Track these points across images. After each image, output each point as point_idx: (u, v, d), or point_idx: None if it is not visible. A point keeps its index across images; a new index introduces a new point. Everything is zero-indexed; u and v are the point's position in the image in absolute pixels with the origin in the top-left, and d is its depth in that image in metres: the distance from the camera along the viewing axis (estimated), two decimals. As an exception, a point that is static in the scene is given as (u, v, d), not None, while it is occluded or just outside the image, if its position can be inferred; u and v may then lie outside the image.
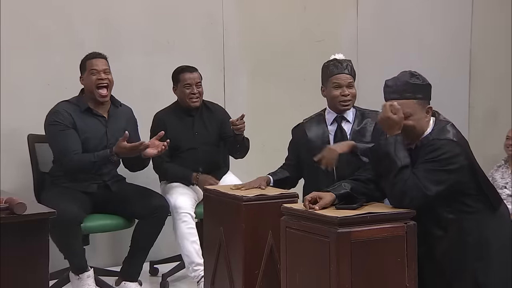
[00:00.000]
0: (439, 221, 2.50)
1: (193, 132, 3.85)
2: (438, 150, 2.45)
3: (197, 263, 3.54)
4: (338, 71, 3.18)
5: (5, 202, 2.35)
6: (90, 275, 3.34)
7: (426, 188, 2.40)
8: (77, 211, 3.24)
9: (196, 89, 3.81)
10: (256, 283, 2.89)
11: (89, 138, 3.44)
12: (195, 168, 3.80)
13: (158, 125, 3.81)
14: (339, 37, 5.00)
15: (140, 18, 4.33)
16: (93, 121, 3.49)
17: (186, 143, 3.82)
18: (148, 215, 3.43)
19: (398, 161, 2.45)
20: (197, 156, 3.83)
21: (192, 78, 3.81)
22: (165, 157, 3.75)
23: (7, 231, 2.30)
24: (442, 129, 2.53)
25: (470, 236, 2.49)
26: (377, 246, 2.34)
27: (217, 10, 4.58)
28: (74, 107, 3.47)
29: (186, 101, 3.82)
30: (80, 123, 3.44)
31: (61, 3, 4.08)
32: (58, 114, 3.42)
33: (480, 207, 2.52)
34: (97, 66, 3.46)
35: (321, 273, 2.33)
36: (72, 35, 4.08)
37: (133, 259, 3.51)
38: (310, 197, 2.47)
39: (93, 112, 3.50)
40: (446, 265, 2.51)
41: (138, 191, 3.56)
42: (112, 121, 3.55)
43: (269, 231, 2.88)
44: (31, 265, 2.35)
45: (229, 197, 3.00)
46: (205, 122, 3.89)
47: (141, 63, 4.32)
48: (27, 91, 3.93)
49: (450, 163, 2.44)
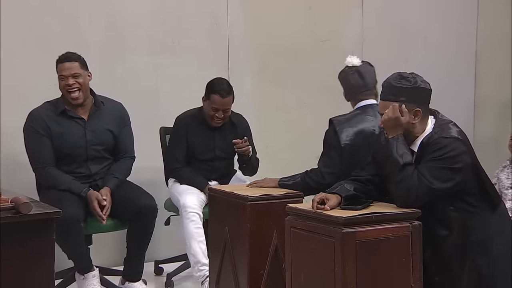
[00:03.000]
0: (443, 220, 2.50)
1: (213, 145, 3.82)
2: (443, 148, 2.45)
3: (202, 263, 3.54)
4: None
5: (10, 202, 2.35)
6: (96, 274, 3.33)
7: (431, 183, 2.40)
8: (77, 211, 3.23)
9: (223, 114, 3.72)
10: (261, 282, 2.90)
11: (65, 141, 3.42)
12: (209, 177, 3.82)
13: (181, 131, 3.79)
14: (344, 37, 5.00)
15: (145, 19, 4.34)
16: (70, 124, 3.45)
17: (204, 154, 3.82)
18: (136, 216, 3.39)
19: (400, 159, 2.45)
20: (212, 167, 3.85)
21: (221, 104, 3.69)
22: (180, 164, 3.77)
23: (13, 230, 2.31)
24: (446, 127, 2.53)
25: (473, 234, 2.50)
26: (382, 246, 2.33)
27: (222, 10, 4.58)
28: (52, 110, 3.46)
29: (209, 120, 3.76)
30: (55, 127, 3.42)
31: (66, 4, 4.09)
32: (33, 120, 3.43)
33: (482, 205, 2.53)
34: (65, 71, 3.40)
35: (326, 273, 2.33)
36: (76, 36, 4.09)
37: (131, 260, 3.50)
38: (318, 198, 2.47)
39: (70, 115, 3.46)
40: (451, 264, 2.51)
41: (128, 191, 3.49)
42: (93, 122, 3.49)
43: (274, 231, 2.88)
44: (36, 265, 2.36)
45: (234, 197, 3.00)
46: (226, 137, 3.82)
47: (146, 64, 4.33)
48: (31, 92, 3.93)
49: (456, 161, 2.44)
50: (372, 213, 2.37)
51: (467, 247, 2.50)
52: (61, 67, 3.41)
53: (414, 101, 2.53)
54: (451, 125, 2.55)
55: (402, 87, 2.54)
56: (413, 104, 2.53)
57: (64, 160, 3.45)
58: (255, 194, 2.94)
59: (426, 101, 2.58)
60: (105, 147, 3.53)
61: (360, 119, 3.00)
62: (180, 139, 3.79)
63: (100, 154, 3.52)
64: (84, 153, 3.46)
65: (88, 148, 3.45)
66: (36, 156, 3.43)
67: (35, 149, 3.43)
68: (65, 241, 3.18)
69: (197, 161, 3.82)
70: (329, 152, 2.99)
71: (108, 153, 3.57)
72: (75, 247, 3.25)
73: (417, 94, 2.54)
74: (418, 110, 2.54)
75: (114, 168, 3.56)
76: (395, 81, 2.56)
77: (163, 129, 4.03)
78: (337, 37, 4.96)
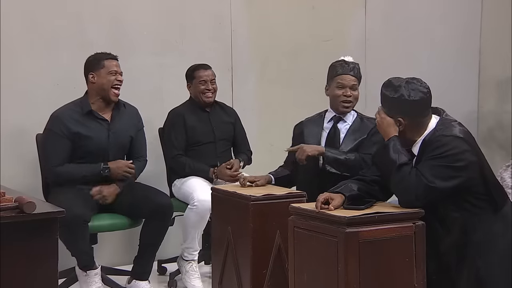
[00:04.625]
0: (444, 220, 2.49)
1: (212, 127, 3.92)
2: (443, 146, 2.43)
3: (195, 249, 3.67)
4: (344, 71, 3.22)
5: (14, 201, 2.36)
6: (98, 272, 3.36)
7: (430, 181, 2.39)
8: (84, 210, 3.26)
9: (211, 86, 3.90)
10: (264, 282, 2.90)
11: (90, 142, 3.47)
12: (213, 161, 3.84)
13: (177, 119, 3.87)
14: (347, 36, 5.00)
15: (148, 18, 4.34)
16: (95, 125, 3.50)
17: (205, 137, 3.89)
18: (153, 214, 3.44)
19: (396, 159, 2.46)
20: (215, 150, 3.90)
21: (206, 75, 3.89)
22: (181, 151, 3.82)
23: (17, 230, 2.31)
24: (448, 126, 2.51)
25: (473, 235, 2.49)
26: (385, 246, 2.33)
27: (225, 10, 4.59)
28: (77, 110, 3.50)
29: (201, 97, 3.89)
30: (80, 128, 3.46)
31: (70, 3, 4.09)
32: (55, 121, 3.47)
33: (484, 206, 2.50)
34: (116, 68, 3.54)
35: (329, 273, 2.33)
36: (81, 35, 4.09)
37: (142, 259, 3.53)
38: (322, 198, 2.47)
39: (95, 115, 3.51)
40: (449, 263, 2.51)
41: (143, 190, 3.57)
42: (115, 124, 3.56)
43: (277, 230, 2.88)
44: (40, 264, 2.36)
45: (237, 196, 3.01)
46: (221, 117, 3.98)
47: (150, 63, 4.33)
48: (36, 91, 3.94)
49: (457, 159, 2.42)
50: (375, 213, 2.37)
51: (466, 247, 2.49)
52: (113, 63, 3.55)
53: (395, 111, 2.54)
54: (455, 123, 2.53)
55: (385, 94, 2.56)
56: (394, 113, 2.54)
57: (83, 159, 3.48)
58: (258, 194, 2.94)
59: (413, 112, 2.53)
60: (123, 149, 3.61)
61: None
62: (177, 128, 3.85)
63: (119, 156, 3.57)
64: (105, 154, 3.51)
65: (110, 150, 3.51)
66: (52, 156, 3.45)
67: (53, 150, 3.45)
68: (71, 240, 3.22)
69: (200, 145, 3.87)
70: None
71: (124, 155, 3.63)
72: (80, 245, 3.29)
73: (398, 105, 2.52)
74: (399, 119, 2.53)
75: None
76: (384, 87, 2.58)
77: (162, 130, 4.04)
78: (340, 36, 4.95)
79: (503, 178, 4.06)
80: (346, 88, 3.20)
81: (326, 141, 3.23)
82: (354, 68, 3.23)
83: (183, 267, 3.70)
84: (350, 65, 3.22)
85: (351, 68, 3.22)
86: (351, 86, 3.22)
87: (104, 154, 3.51)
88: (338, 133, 3.24)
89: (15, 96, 3.89)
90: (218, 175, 3.77)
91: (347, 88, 3.20)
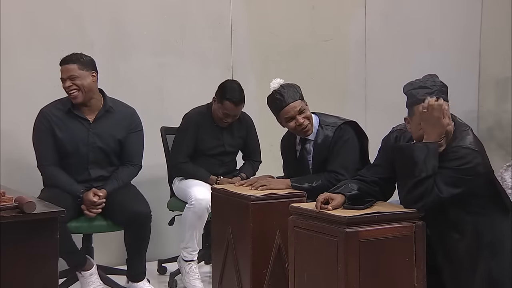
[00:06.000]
0: (456, 224, 2.50)
1: (222, 142, 3.85)
2: (460, 159, 2.43)
3: (194, 248, 3.64)
4: (284, 104, 3.15)
5: (14, 201, 2.36)
6: (93, 272, 3.34)
7: (441, 191, 2.40)
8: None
9: (231, 119, 3.78)
10: (264, 282, 2.90)
11: (67, 140, 3.40)
12: (217, 170, 3.84)
13: (191, 128, 3.80)
14: (347, 36, 5.00)
15: (148, 18, 4.34)
16: (75, 124, 3.42)
17: (213, 150, 3.85)
18: (130, 222, 3.33)
19: (425, 170, 2.40)
20: (219, 163, 3.88)
21: (233, 111, 3.73)
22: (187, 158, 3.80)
23: (17, 229, 2.31)
24: (463, 135, 2.51)
25: (485, 237, 2.50)
26: (385, 245, 2.33)
27: (225, 10, 4.59)
28: (61, 108, 3.45)
29: (218, 120, 3.80)
30: (60, 126, 3.40)
31: (70, 3, 4.10)
32: (41, 117, 3.44)
33: (493, 207, 2.52)
34: (62, 74, 3.39)
35: (329, 272, 2.33)
36: (81, 36, 4.09)
37: (131, 261, 3.47)
38: (322, 198, 2.47)
39: (77, 114, 3.43)
40: (463, 267, 2.50)
41: (122, 195, 3.42)
42: (98, 125, 3.45)
43: (277, 230, 2.88)
44: (40, 264, 2.36)
45: (237, 196, 3.01)
46: (233, 133, 3.89)
47: (150, 63, 4.33)
48: (36, 92, 3.94)
49: (470, 174, 2.43)
50: (375, 212, 2.37)
51: (479, 250, 2.49)
52: (61, 69, 3.40)
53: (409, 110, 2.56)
54: (468, 131, 2.54)
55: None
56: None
57: (64, 160, 3.43)
58: (258, 193, 2.94)
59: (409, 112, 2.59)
60: (108, 152, 3.47)
61: None
62: (189, 135, 3.80)
63: (102, 159, 3.46)
64: (85, 156, 3.42)
65: (90, 151, 3.42)
66: (40, 154, 3.44)
67: (40, 147, 3.43)
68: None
69: (205, 156, 3.84)
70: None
71: (111, 159, 3.50)
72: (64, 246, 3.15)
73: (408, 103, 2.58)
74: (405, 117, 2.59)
75: (115, 173, 3.51)
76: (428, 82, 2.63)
77: (164, 129, 4.03)
78: (340, 36, 4.96)
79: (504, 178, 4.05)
80: (295, 117, 3.15)
81: (296, 166, 3.30)
82: (288, 91, 3.16)
83: (183, 268, 3.69)
84: (285, 94, 3.15)
85: (288, 96, 3.15)
86: (298, 111, 3.14)
87: (83, 155, 3.41)
88: (306, 156, 3.25)
89: (15, 97, 3.89)
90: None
91: (296, 116, 3.14)
